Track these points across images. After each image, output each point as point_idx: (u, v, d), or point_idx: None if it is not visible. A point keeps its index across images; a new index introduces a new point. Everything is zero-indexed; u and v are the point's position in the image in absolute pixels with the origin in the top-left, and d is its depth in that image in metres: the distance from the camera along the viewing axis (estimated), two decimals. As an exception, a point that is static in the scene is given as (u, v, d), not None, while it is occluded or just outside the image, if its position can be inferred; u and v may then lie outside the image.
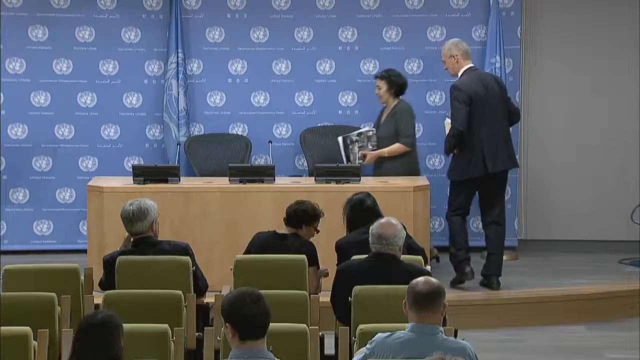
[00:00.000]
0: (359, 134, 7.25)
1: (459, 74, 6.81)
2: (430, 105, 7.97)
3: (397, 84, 7.19)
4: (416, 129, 7.46)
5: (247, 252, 5.53)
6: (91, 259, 6.71)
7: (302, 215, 5.55)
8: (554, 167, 8.08)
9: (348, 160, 7.20)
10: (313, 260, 5.45)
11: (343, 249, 5.36)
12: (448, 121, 6.87)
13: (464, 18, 7.87)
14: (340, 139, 7.23)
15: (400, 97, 7.25)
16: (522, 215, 8.07)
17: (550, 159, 8.08)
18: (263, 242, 5.49)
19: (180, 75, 7.79)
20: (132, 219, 5.19)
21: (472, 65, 6.83)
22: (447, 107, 7.90)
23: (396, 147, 7.10)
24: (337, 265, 5.24)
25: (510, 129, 7.89)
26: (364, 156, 7.17)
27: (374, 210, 5.54)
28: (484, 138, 6.67)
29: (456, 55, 6.82)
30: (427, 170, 7.93)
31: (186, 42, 7.87)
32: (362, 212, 5.54)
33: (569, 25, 7.98)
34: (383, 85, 7.19)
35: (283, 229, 5.59)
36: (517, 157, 7.93)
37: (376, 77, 7.27)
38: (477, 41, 7.87)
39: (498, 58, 7.71)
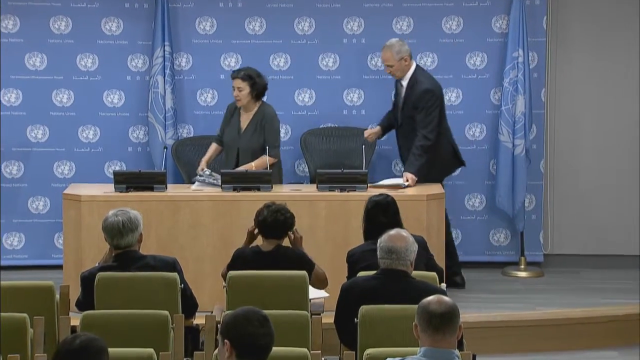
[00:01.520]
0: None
1: (408, 75, 7.08)
2: (445, 105, 7.97)
3: (261, 86, 7.15)
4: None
5: (229, 268, 5.51)
6: (67, 275, 6.73)
7: (285, 224, 5.55)
8: (583, 174, 8.09)
9: None
10: (309, 264, 5.49)
11: (356, 260, 5.40)
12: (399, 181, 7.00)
13: (483, 7, 7.89)
14: None
15: (262, 99, 7.21)
16: (548, 227, 8.09)
17: (580, 165, 8.09)
18: (248, 264, 5.46)
19: (167, 71, 7.82)
20: (123, 230, 5.21)
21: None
22: (465, 104, 7.95)
23: (264, 162, 7.00)
24: (348, 278, 5.28)
25: (533, 133, 7.92)
26: None
27: (391, 213, 5.59)
28: (449, 130, 7.20)
29: (406, 57, 7.05)
30: (442, 177, 7.95)
31: (174, 34, 7.91)
32: (379, 214, 5.58)
33: (601, 16, 7.98)
34: (245, 87, 7.10)
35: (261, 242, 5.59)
36: (542, 162, 8.00)
37: (235, 76, 7.13)
38: (498, 33, 7.90)
39: (521, 52, 7.74)
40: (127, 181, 6.87)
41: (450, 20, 7.93)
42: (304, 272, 5.34)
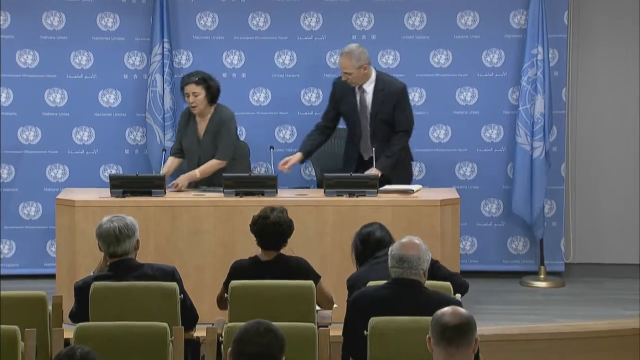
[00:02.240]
0: None
1: (372, 80, 7.11)
2: (460, 105, 7.99)
3: (215, 88, 7.19)
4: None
5: (227, 284, 5.49)
6: (60, 285, 6.74)
7: (283, 234, 5.53)
8: (606, 179, 8.08)
9: None
10: (314, 275, 5.48)
11: (356, 286, 5.39)
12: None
13: (501, 1, 7.89)
14: None
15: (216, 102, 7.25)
16: (570, 234, 8.08)
17: (603, 168, 8.08)
18: (246, 276, 5.45)
19: (166, 69, 7.83)
20: (119, 237, 5.21)
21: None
22: (481, 105, 7.96)
23: (213, 166, 7.10)
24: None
25: (554, 135, 7.92)
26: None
27: (384, 242, 5.56)
28: None
29: (365, 65, 7.09)
30: (456, 180, 7.96)
31: (173, 30, 7.92)
32: (369, 245, 5.58)
33: (625, 10, 7.97)
34: (200, 92, 7.12)
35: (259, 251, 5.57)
36: (563, 166, 7.99)
37: (188, 82, 7.12)
38: (516, 29, 7.90)
39: (540, 49, 7.73)
40: (123, 185, 6.88)
41: (465, 15, 7.93)
42: (310, 282, 5.34)
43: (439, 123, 8.00)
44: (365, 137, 7.24)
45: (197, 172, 7.13)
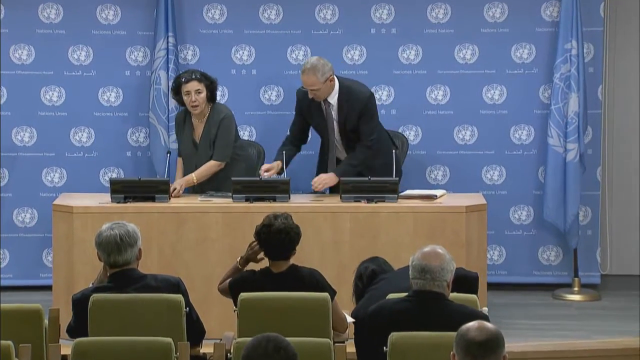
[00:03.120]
0: None
1: (335, 91, 7.12)
2: (487, 104, 7.99)
3: (215, 86, 7.26)
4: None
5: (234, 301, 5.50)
6: (57, 297, 6.76)
7: (293, 241, 5.53)
8: (647, 184, 8.08)
9: None
10: (329, 289, 5.47)
11: (359, 317, 5.40)
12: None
13: (531, -8, 7.91)
14: None
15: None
16: (606, 244, 8.06)
17: (643, 173, 8.08)
18: (256, 289, 5.44)
19: (171, 66, 7.86)
20: (121, 245, 5.22)
21: None
22: (510, 104, 7.95)
23: (211, 167, 7.18)
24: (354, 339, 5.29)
25: (589, 136, 7.91)
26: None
27: (377, 272, 5.60)
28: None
29: (331, 77, 7.10)
30: (483, 185, 7.96)
31: (178, 24, 7.94)
32: (363, 280, 5.62)
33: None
34: (203, 89, 7.17)
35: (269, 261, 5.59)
36: (598, 169, 7.97)
37: (189, 79, 7.13)
38: (548, 22, 7.89)
39: (574, 43, 7.72)
40: (125, 190, 6.90)
41: (493, 7, 7.93)
42: (325, 294, 5.34)
43: (464, 123, 8.00)
44: (340, 149, 7.29)
45: (193, 176, 7.15)
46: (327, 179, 7.14)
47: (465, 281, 5.48)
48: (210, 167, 7.19)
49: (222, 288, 5.65)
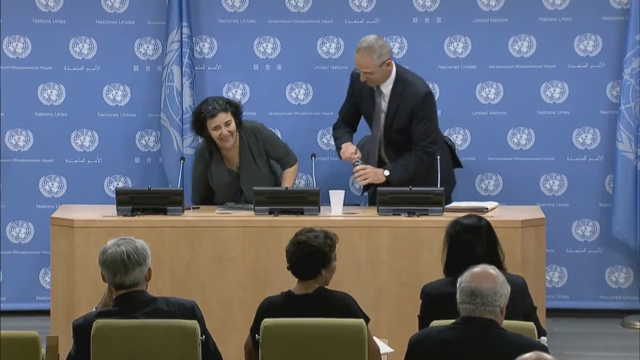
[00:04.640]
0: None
1: (391, 80, 7.15)
2: (546, 103, 7.98)
3: (241, 111, 7.37)
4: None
5: (255, 330, 5.49)
6: (56, 323, 6.79)
7: (316, 260, 5.47)
8: None
9: None
10: (362, 316, 5.45)
11: (431, 301, 5.39)
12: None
13: (597, -25, 7.90)
14: None
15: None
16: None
17: None
18: (278, 316, 5.43)
19: (186, 60, 7.89)
20: (128, 264, 5.23)
21: None
22: (573, 103, 7.94)
23: (293, 174, 7.45)
24: (420, 316, 5.28)
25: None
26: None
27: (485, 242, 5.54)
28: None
29: (388, 61, 7.12)
30: (542, 196, 7.94)
31: (194, 13, 7.98)
32: (469, 242, 5.53)
33: None
34: (232, 119, 7.25)
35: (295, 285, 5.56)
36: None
37: (214, 114, 7.16)
38: (617, 9, 7.87)
39: (647, 34, 7.73)
40: (133, 202, 6.93)
41: (553, -7, 7.93)
42: (360, 320, 5.34)
43: (519, 126, 7.99)
44: (380, 149, 7.28)
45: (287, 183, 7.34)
46: (373, 174, 7.11)
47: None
48: (291, 173, 7.40)
49: (247, 346, 5.61)
